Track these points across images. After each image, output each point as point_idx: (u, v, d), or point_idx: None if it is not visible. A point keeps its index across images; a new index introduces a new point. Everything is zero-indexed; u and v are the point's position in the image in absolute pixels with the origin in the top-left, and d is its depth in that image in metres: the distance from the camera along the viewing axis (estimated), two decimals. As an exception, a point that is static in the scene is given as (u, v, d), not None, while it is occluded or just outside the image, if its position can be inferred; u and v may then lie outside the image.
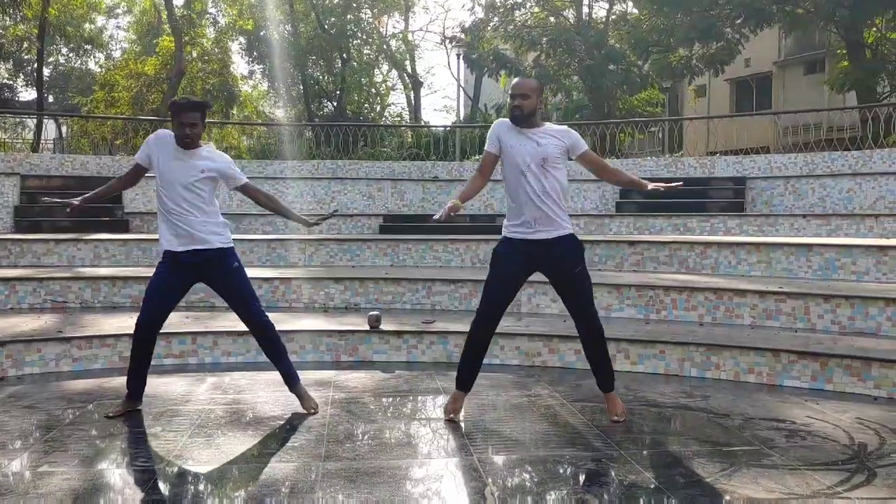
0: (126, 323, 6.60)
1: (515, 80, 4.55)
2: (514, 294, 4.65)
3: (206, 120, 4.68)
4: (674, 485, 3.48)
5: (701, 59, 20.16)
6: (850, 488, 3.45)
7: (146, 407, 4.80)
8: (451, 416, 4.54)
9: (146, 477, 3.60)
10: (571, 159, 4.46)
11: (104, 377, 5.77)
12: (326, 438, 4.20)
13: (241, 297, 4.69)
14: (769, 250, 7.95)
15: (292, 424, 4.50)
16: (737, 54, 20.08)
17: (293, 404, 4.85)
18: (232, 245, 4.65)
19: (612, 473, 3.68)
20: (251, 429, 4.42)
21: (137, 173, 4.74)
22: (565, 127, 4.54)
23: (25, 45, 23.59)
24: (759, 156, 12.90)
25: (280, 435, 4.31)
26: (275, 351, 4.78)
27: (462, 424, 4.50)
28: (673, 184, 4.74)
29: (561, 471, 3.73)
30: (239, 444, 4.13)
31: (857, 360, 5.30)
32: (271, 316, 4.91)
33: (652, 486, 3.49)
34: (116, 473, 3.67)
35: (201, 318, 6.92)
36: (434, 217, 4.34)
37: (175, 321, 6.72)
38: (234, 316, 5.03)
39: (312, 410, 4.68)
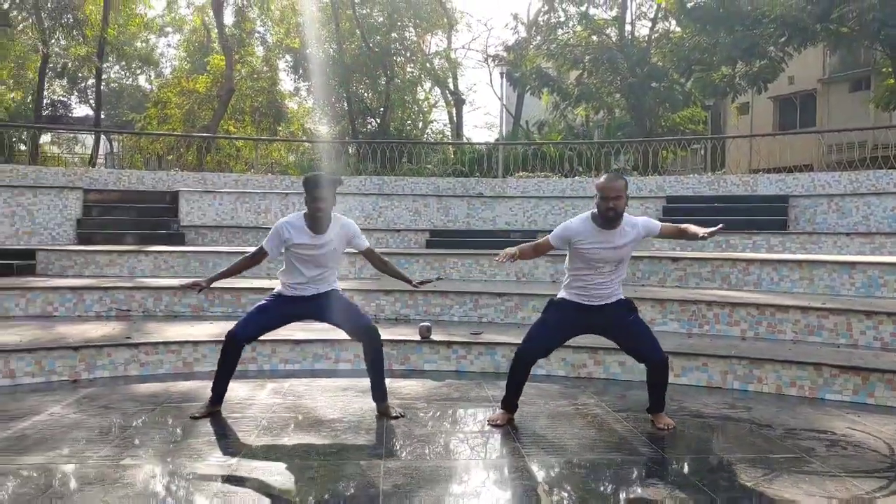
0: (187, 331, 6.97)
1: (604, 180, 4.56)
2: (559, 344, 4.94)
3: (258, 137, 5.04)
4: (717, 487, 3.67)
5: (744, 77, 20.18)
6: (888, 494, 3.60)
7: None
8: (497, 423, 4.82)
9: (222, 471, 3.88)
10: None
11: (170, 381, 6.10)
12: (385, 440, 4.46)
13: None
14: (812, 267, 8.05)
15: (352, 427, 4.76)
16: (780, 72, 20.07)
17: (350, 408, 5.13)
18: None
19: (658, 476, 3.88)
20: (313, 430, 4.69)
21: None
22: (639, 219, 4.72)
23: (85, 64, 24.42)
24: (803, 174, 12.93)
25: (341, 436, 4.56)
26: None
27: (512, 431, 4.72)
28: (717, 227, 4.81)
29: (608, 473, 3.93)
30: (303, 443, 4.40)
31: (899, 375, 5.40)
32: (321, 326, 5.20)
33: (696, 488, 3.67)
34: (195, 466, 3.95)
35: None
36: (497, 258, 4.67)
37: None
38: (290, 325, 5.34)
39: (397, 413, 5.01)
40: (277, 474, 3.85)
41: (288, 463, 4.04)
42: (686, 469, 3.99)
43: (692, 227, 4.78)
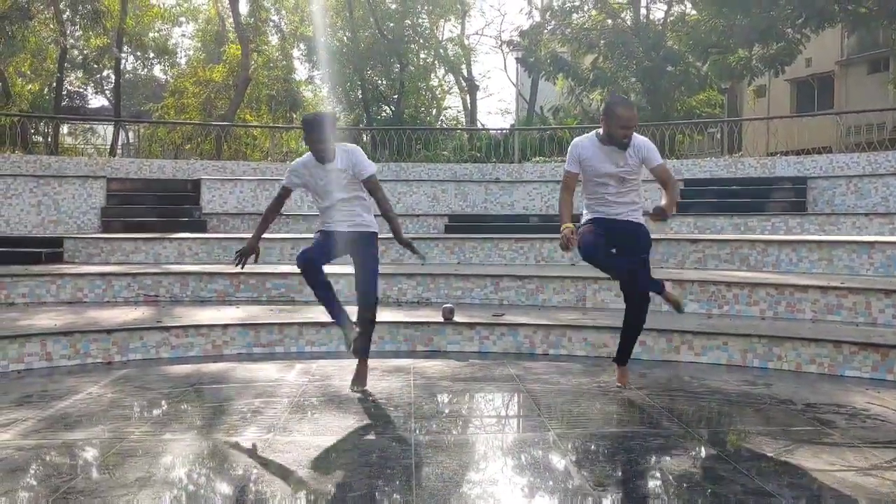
0: (215, 315, 7.14)
1: (623, 109, 4.66)
2: None
3: (271, 124, 5.20)
4: (739, 457, 3.77)
5: (761, 59, 20.10)
6: (907, 463, 3.69)
7: (245, 388, 5.26)
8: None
9: (258, 444, 4.02)
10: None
11: (200, 363, 6.25)
12: (414, 416, 4.59)
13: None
14: (830, 248, 8.11)
15: (381, 404, 4.89)
16: (798, 54, 19.97)
17: (378, 387, 5.26)
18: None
19: (680, 447, 3.98)
20: (343, 407, 4.83)
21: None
22: (643, 142, 4.79)
23: (103, 55, 24.64)
24: (821, 156, 12.95)
25: (371, 412, 4.70)
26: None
27: (536, 407, 4.84)
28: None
29: (632, 444, 4.04)
30: (335, 419, 4.54)
31: (918, 351, 5.48)
32: (349, 309, 5.29)
33: (718, 458, 3.78)
34: (233, 441, 4.09)
35: (286, 310, 7.38)
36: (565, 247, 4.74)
37: (261, 313, 7.24)
38: (318, 308, 5.49)
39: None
40: (311, 448, 3.99)
41: (321, 437, 4.17)
42: (708, 441, 4.09)
43: (671, 199, 4.71)
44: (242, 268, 5.40)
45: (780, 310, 6.97)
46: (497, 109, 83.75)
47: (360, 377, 5.26)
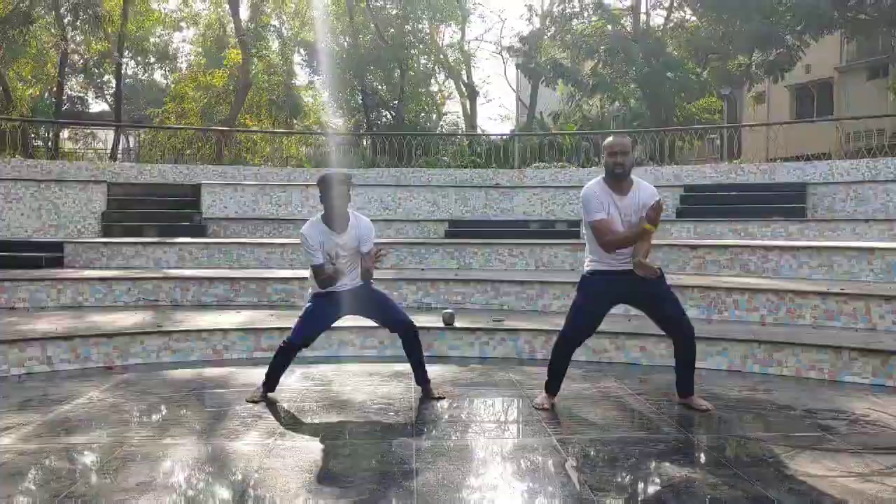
0: (216, 319, 7.13)
1: (611, 138, 4.68)
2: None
3: (275, 130, 5.18)
4: (740, 463, 3.78)
5: (760, 65, 20.14)
6: (908, 469, 3.69)
7: (246, 393, 5.26)
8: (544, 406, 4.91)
9: (260, 449, 4.02)
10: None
11: (201, 367, 6.26)
12: (416, 420, 4.60)
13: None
14: (830, 254, 8.11)
15: (381, 409, 4.89)
16: (797, 61, 20.01)
17: (379, 391, 5.28)
18: None
19: (681, 452, 3.99)
20: (345, 412, 4.83)
21: None
22: (649, 188, 4.72)
23: (104, 60, 24.66)
24: (821, 161, 12.95)
25: (372, 418, 4.70)
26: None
27: (538, 412, 4.83)
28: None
29: (632, 450, 4.04)
30: (336, 424, 4.55)
31: (918, 357, 5.48)
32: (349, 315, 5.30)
33: (719, 463, 3.78)
34: (233, 446, 4.10)
35: (286, 315, 7.38)
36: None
37: (262, 318, 7.23)
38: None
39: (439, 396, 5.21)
40: (314, 452, 4.00)
41: (323, 442, 4.18)
42: (709, 446, 4.10)
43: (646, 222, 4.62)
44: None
45: (781, 315, 6.98)
46: (497, 115, 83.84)
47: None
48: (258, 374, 5.89)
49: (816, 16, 17.23)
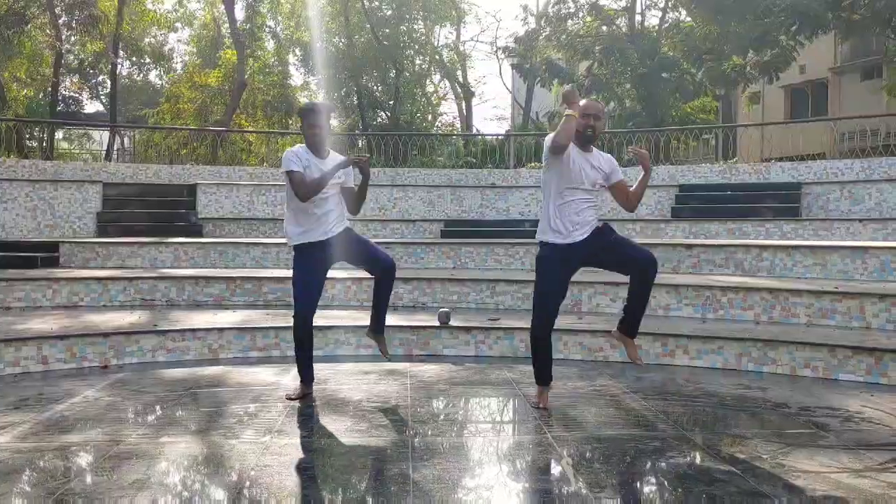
0: (211, 319, 7.13)
1: (586, 101, 4.73)
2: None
3: (271, 130, 5.16)
4: (735, 460, 3.79)
5: (755, 66, 20.19)
6: (901, 465, 3.71)
7: (242, 392, 5.27)
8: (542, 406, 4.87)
9: (255, 448, 4.02)
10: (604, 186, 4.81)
11: (196, 367, 6.26)
12: (411, 419, 4.60)
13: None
14: (825, 253, 8.14)
15: (377, 408, 4.90)
16: (792, 61, 20.07)
17: (375, 390, 5.28)
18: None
19: (677, 449, 4.00)
20: (340, 411, 4.83)
21: None
22: (608, 155, 4.87)
23: (99, 61, 24.58)
24: (815, 161, 12.98)
25: (368, 416, 4.70)
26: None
27: (533, 410, 4.85)
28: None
29: (628, 447, 4.05)
30: (332, 422, 4.55)
31: (912, 355, 5.51)
32: (344, 313, 5.31)
33: (715, 459, 3.79)
34: (230, 444, 4.10)
35: (281, 314, 7.38)
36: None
37: (257, 317, 7.23)
38: (315, 313, 5.49)
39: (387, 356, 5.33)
40: (310, 451, 4.00)
41: (319, 440, 4.19)
42: (704, 443, 4.11)
43: (640, 185, 4.80)
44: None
45: (775, 314, 7.00)
46: (493, 116, 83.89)
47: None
48: (254, 373, 5.93)
49: (810, 17, 17.28)
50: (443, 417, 4.74)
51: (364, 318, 7.05)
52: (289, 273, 8.54)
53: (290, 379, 5.77)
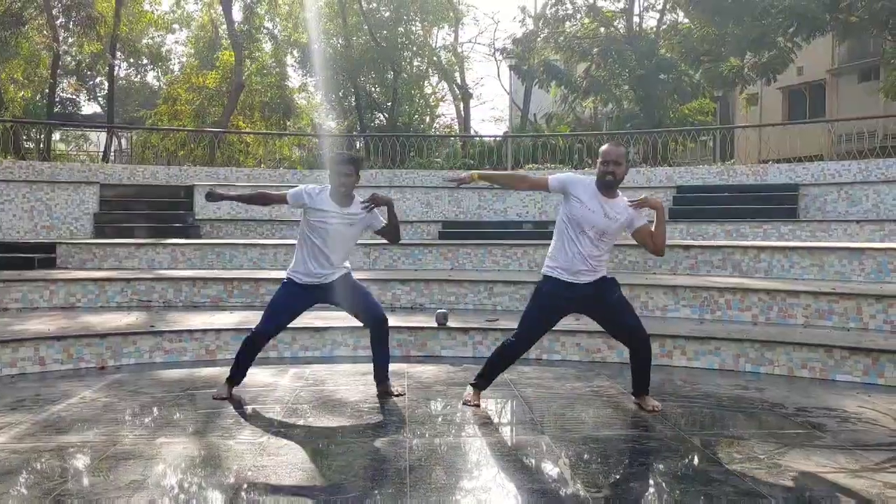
0: (208, 320, 7.13)
1: (606, 146, 4.61)
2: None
3: (269, 132, 5.17)
4: (732, 459, 3.80)
5: (753, 68, 20.19)
6: (898, 465, 3.72)
7: (239, 393, 5.26)
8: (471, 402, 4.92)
9: (252, 448, 4.02)
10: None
11: (193, 368, 6.26)
12: (408, 419, 4.60)
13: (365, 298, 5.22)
14: (822, 254, 8.15)
15: (374, 409, 4.90)
16: (789, 63, 20.06)
17: (371, 391, 5.27)
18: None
19: (673, 449, 4.00)
20: (337, 411, 4.83)
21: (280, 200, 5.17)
22: (632, 209, 4.62)
23: (97, 62, 24.54)
24: (813, 163, 12.99)
25: (365, 417, 4.70)
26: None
27: (530, 410, 4.85)
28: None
29: (625, 447, 4.06)
30: (330, 423, 4.55)
31: (909, 355, 5.52)
32: (340, 314, 5.34)
33: (711, 460, 3.80)
34: (227, 444, 4.10)
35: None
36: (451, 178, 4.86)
37: (254, 318, 7.18)
38: (311, 314, 5.51)
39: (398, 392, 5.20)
40: (307, 451, 4.00)
41: (315, 441, 4.18)
42: (701, 443, 4.11)
43: (657, 219, 4.66)
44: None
45: (773, 315, 7.01)
46: (490, 117, 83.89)
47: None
48: (251, 374, 5.87)
49: (807, 18, 17.26)
50: (440, 419, 4.74)
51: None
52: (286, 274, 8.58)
53: (288, 379, 5.77)
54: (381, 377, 5.25)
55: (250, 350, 5.16)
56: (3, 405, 4.95)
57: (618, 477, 3.66)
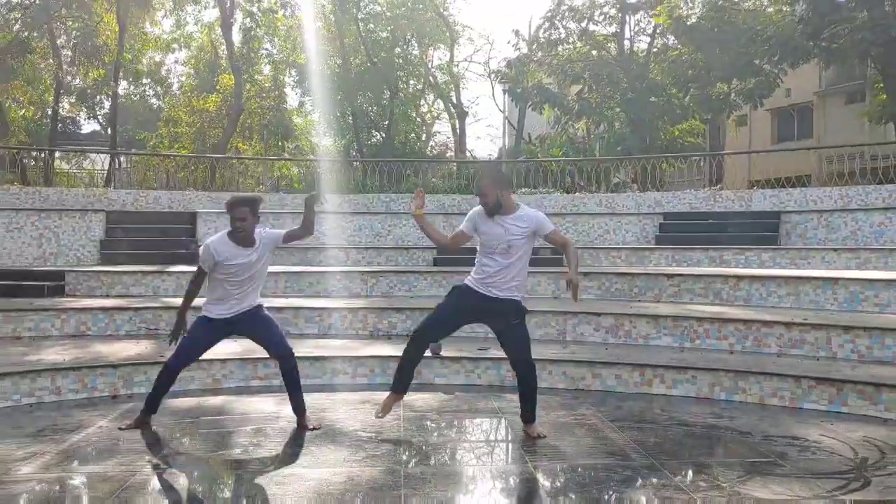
0: (213, 349, 7.45)
1: (479, 181, 5.41)
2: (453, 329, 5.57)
3: (268, 157, 5.57)
4: (697, 488, 4.19)
5: (739, 93, 20.72)
6: (846, 492, 4.12)
7: (245, 422, 5.64)
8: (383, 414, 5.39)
9: (262, 477, 4.40)
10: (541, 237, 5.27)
11: (201, 396, 6.63)
12: (403, 448, 4.99)
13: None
14: (798, 283, 8.56)
15: (372, 437, 5.27)
16: (775, 88, 20.62)
17: (369, 420, 5.62)
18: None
19: (645, 478, 4.39)
20: (337, 441, 5.21)
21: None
22: (536, 215, 5.26)
23: (100, 88, 25.01)
24: (796, 189, 13.42)
25: (364, 446, 5.08)
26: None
27: (516, 440, 5.23)
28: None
29: (602, 475, 4.44)
30: (331, 452, 4.93)
31: (870, 385, 5.94)
32: (340, 343, 5.71)
33: (677, 488, 4.18)
34: (237, 473, 4.48)
35: (281, 344, 7.75)
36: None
37: (258, 348, 7.57)
38: (311, 342, 5.91)
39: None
40: (310, 480, 4.37)
41: (317, 470, 4.56)
42: (671, 472, 4.49)
43: (570, 261, 5.20)
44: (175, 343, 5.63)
45: (748, 344, 7.40)
46: (486, 134, 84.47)
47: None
48: (256, 403, 6.30)
49: (792, 47, 17.81)
50: (432, 447, 5.13)
51: (361, 348, 7.51)
52: (287, 302, 8.97)
53: (290, 409, 6.13)
54: (296, 409, 5.53)
55: (165, 382, 5.51)
56: (25, 434, 5.32)
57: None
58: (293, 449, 4.99)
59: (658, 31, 24.30)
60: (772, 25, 18.59)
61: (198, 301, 5.66)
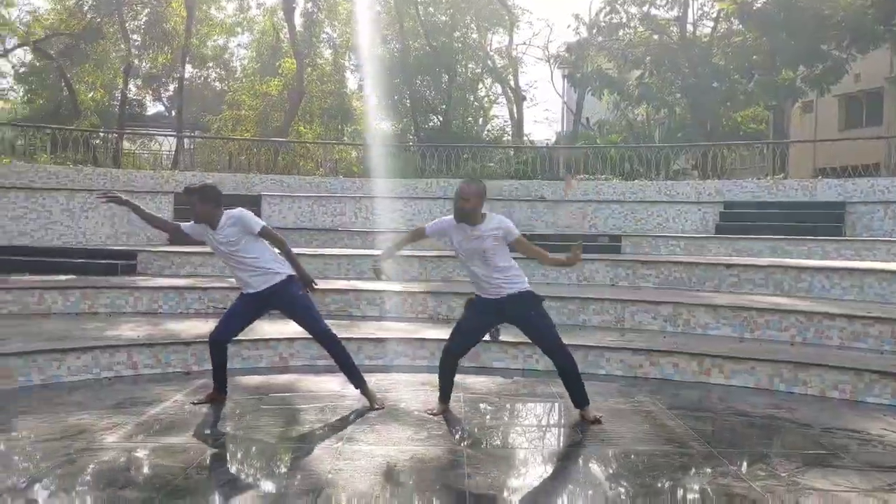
0: (281, 329, 7.73)
1: (460, 184, 5.27)
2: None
3: (329, 140, 5.75)
4: (755, 477, 4.25)
5: (806, 80, 20.25)
6: (907, 486, 4.13)
7: (312, 399, 5.87)
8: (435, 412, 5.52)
9: (329, 452, 4.60)
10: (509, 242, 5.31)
11: (269, 374, 6.90)
12: (464, 429, 5.14)
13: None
14: (862, 275, 8.45)
15: (434, 418, 5.44)
16: (844, 74, 20.09)
17: (431, 401, 5.79)
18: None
19: (703, 465, 4.47)
20: (401, 420, 5.39)
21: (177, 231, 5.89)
22: (505, 223, 5.26)
23: (168, 72, 25.65)
24: (863, 179, 13.15)
25: (426, 425, 5.25)
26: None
27: (573, 424, 5.34)
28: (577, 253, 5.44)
29: (658, 461, 4.53)
30: (395, 431, 5.11)
31: (935, 380, 5.87)
32: (400, 325, 5.88)
33: (735, 477, 4.25)
34: (306, 448, 4.69)
35: (343, 325, 7.96)
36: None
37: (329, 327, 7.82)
38: (374, 325, 6.07)
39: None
40: (378, 456, 4.56)
41: (383, 447, 4.74)
42: (728, 461, 4.56)
43: (553, 257, 5.43)
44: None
45: (809, 336, 7.35)
46: (543, 118, 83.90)
47: None
48: (321, 382, 6.53)
49: (862, 31, 17.35)
50: (492, 429, 5.27)
51: (419, 331, 7.68)
52: (348, 284, 9.20)
53: (353, 389, 6.34)
54: (356, 384, 5.81)
55: (217, 358, 5.77)
56: (106, 406, 5.63)
57: (648, 489, 4.13)
58: (360, 427, 5.19)
59: (722, 15, 23.83)
60: (841, 10, 18.11)
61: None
